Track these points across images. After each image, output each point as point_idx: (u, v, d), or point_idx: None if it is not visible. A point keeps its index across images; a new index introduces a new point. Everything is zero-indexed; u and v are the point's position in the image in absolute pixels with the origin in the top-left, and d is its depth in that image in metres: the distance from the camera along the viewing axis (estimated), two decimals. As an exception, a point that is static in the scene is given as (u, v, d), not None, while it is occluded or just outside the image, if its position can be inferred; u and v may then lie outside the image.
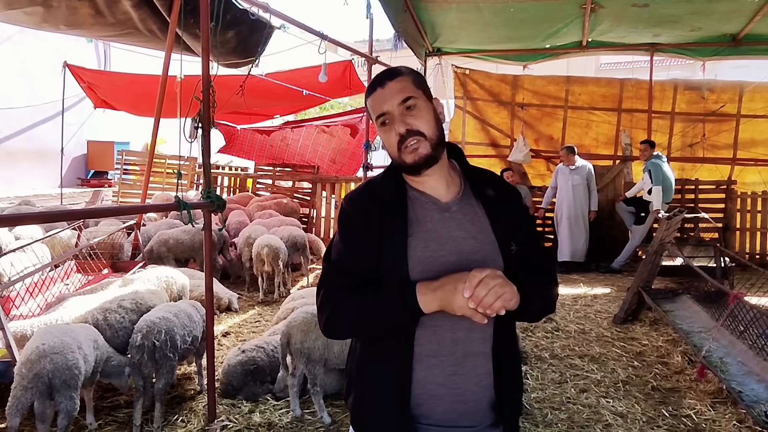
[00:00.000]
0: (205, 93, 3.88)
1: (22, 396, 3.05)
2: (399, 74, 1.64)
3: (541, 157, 10.70)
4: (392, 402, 1.60)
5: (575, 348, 5.49)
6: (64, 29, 5.12)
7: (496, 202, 1.68)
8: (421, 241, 1.60)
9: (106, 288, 4.55)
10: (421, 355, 1.59)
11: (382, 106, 1.61)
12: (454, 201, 1.67)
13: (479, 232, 1.63)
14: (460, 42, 9.96)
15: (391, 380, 1.60)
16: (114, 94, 9.50)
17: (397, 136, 1.59)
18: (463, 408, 1.60)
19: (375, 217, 1.63)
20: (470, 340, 1.60)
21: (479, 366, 1.61)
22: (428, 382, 1.59)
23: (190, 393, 4.38)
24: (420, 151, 1.59)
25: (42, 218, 3.51)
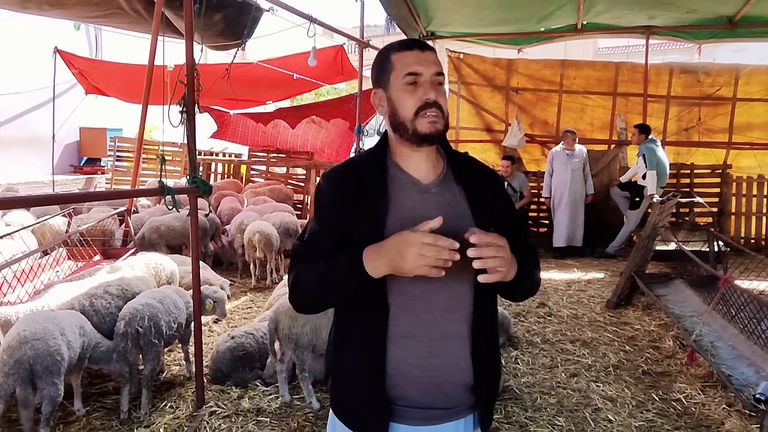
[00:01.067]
0: (189, 77, 3.82)
1: (4, 382, 3.03)
2: (432, 50, 1.65)
3: (536, 142, 10.64)
4: (367, 383, 1.58)
5: (567, 333, 5.48)
6: (48, 10, 5.03)
7: (477, 187, 1.67)
8: (397, 221, 1.56)
9: (94, 275, 4.51)
10: (397, 336, 1.57)
11: (419, 67, 1.58)
12: (434, 183, 1.65)
13: (457, 216, 1.60)
14: (453, 25, 9.86)
15: (365, 361, 1.58)
16: (105, 81, 9.42)
17: (422, 101, 1.56)
18: (438, 390, 1.58)
19: (350, 193, 1.61)
20: (447, 321, 1.57)
21: (456, 349, 1.59)
22: (403, 364, 1.57)
23: (179, 379, 4.37)
24: (438, 125, 1.58)
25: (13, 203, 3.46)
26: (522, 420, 3.80)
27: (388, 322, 1.57)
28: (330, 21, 12.15)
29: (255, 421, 3.75)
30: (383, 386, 1.57)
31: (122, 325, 3.64)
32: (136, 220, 7.07)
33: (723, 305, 4.88)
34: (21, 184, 10.24)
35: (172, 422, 3.71)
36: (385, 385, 1.58)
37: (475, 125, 10.83)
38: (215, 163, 12.08)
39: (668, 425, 3.76)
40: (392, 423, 1.60)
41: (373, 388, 1.57)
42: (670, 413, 3.92)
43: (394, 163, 1.67)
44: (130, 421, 3.70)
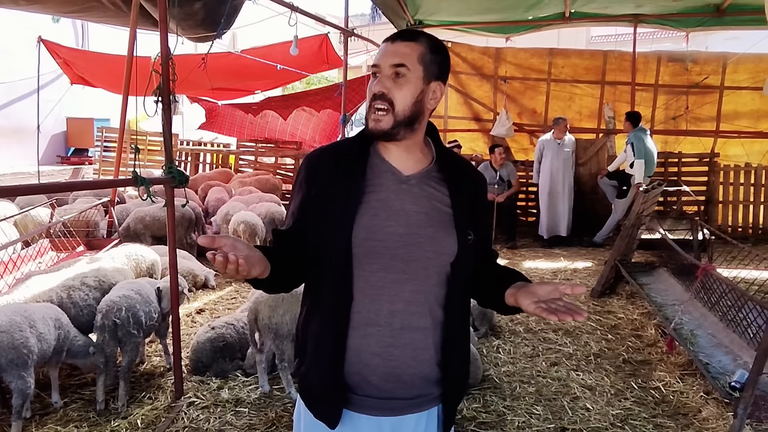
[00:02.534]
0: (164, 66, 3.78)
1: (-29, 376, 3.02)
2: (413, 39, 1.58)
3: (524, 131, 10.61)
4: (325, 368, 1.58)
5: (550, 322, 5.48)
6: (24, 5, 4.98)
7: (461, 187, 1.65)
8: (370, 209, 1.56)
9: (73, 266, 4.48)
10: (359, 323, 1.56)
11: (380, 59, 1.57)
12: (415, 175, 1.62)
13: (433, 210, 1.59)
14: (441, 14, 9.81)
15: (326, 346, 1.58)
16: (91, 71, 9.34)
17: (371, 93, 1.56)
18: (397, 380, 1.58)
19: (324, 175, 1.61)
20: (409, 313, 1.56)
21: (417, 340, 1.58)
22: (363, 351, 1.57)
23: (159, 370, 4.35)
24: (381, 123, 1.55)
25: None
26: (500, 409, 3.81)
27: (351, 309, 1.56)
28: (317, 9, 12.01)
29: (233, 412, 3.75)
30: (341, 372, 1.57)
31: (99, 318, 3.62)
32: (121, 211, 7.03)
33: (704, 294, 4.90)
34: (7, 175, 10.18)
35: (150, 413, 3.70)
36: (344, 372, 1.57)
37: (463, 114, 10.80)
38: (203, 153, 12.02)
39: (645, 413, 3.78)
40: (351, 412, 1.59)
41: (331, 373, 1.57)
42: (648, 401, 3.94)
43: (376, 152, 1.65)
44: (107, 412, 3.69)
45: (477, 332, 5.00)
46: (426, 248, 1.55)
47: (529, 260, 8.08)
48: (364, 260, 1.54)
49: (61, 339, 3.55)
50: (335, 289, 1.56)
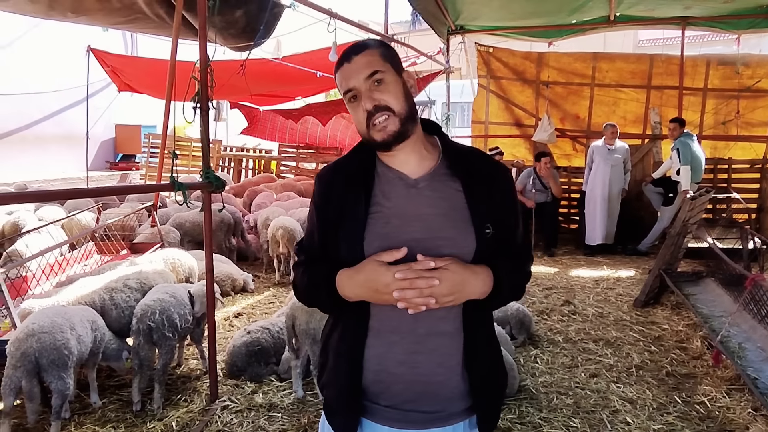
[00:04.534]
0: (203, 73, 3.84)
1: (13, 375, 3.10)
2: (366, 48, 1.55)
3: (567, 137, 10.43)
4: (343, 377, 1.56)
5: (591, 332, 5.35)
6: (72, 17, 5.12)
7: (476, 180, 1.58)
8: (382, 217, 1.53)
9: (114, 269, 4.58)
10: (381, 331, 1.54)
11: (350, 82, 1.52)
12: (424, 177, 1.58)
13: (451, 210, 1.54)
14: (482, 19, 9.75)
15: (345, 355, 1.56)
16: (137, 78, 9.57)
17: (365, 112, 1.51)
18: (423, 389, 1.53)
19: (338, 191, 1.60)
20: (433, 317, 1.51)
21: (444, 345, 1.53)
22: (387, 360, 1.53)
23: (196, 373, 4.41)
24: (389, 128, 1.51)
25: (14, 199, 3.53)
26: (536, 420, 3.72)
27: (369, 316, 1.54)
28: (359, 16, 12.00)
29: (266, 417, 3.76)
30: (359, 383, 1.54)
31: (135, 322, 3.69)
32: (162, 215, 7.17)
33: (754, 306, 4.70)
34: (58, 180, 10.52)
35: (185, 416, 3.75)
36: (364, 382, 1.54)
37: (504, 120, 10.68)
38: (246, 159, 12.20)
39: (689, 429, 3.63)
40: (372, 422, 1.56)
41: (348, 383, 1.55)
42: (692, 416, 3.79)
43: (381, 160, 1.62)
44: (143, 413, 3.76)
45: (514, 341, 4.91)
46: (444, 250, 1.50)
47: (571, 268, 7.91)
48: None
49: (98, 341, 3.62)
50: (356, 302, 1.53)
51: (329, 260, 1.56)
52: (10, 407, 3.25)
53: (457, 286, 1.44)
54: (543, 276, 7.44)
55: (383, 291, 1.43)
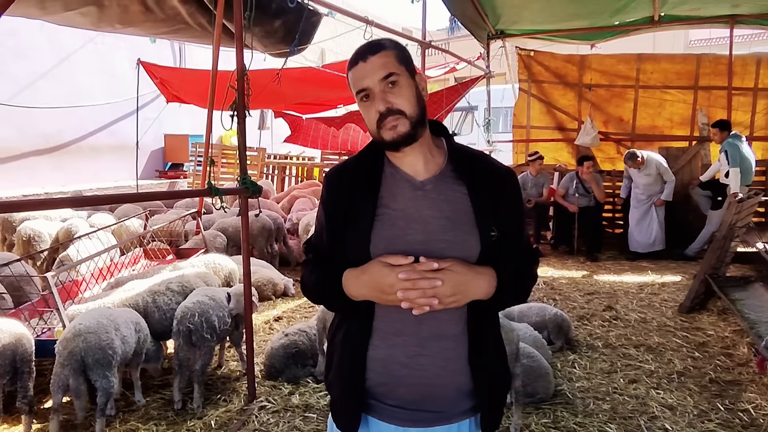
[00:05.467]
0: (239, 82, 3.96)
1: (61, 373, 3.25)
2: (382, 48, 1.56)
3: (611, 140, 10.26)
4: (347, 377, 1.60)
5: (632, 337, 5.25)
6: (120, 28, 5.36)
7: (481, 183, 1.60)
8: (388, 219, 1.56)
9: (158, 272, 4.75)
10: (386, 333, 1.56)
11: (363, 82, 1.53)
12: (430, 180, 1.60)
13: (454, 213, 1.56)
14: (522, 22, 9.70)
15: (348, 355, 1.60)
16: (183, 89, 9.85)
17: (377, 113, 1.53)
18: (427, 391, 1.55)
19: (345, 192, 1.63)
20: (437, 320, 1.53)
21: (447, 348, 1.55)
22: (391, 361, 1.56)
23: (235, 374, 4.52)
24: (399, 129, 1.53)
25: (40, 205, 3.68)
26: (571, 425, 3.68)
27: (374, 318, 1.56)
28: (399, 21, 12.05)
29: (302, 417, 3.83)
30: (362, 381, 1.57)
31: (175, 324, 3.83)
32: (207, 221, 7.37)
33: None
34: (110, 188, 10.91)
35: (224, 415, 3.85)
36: (367, 381, 1.57)
37: (546, 124, 10.58)
38: (289, 166, 12.41)
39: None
40: (377, 420, 1.59)
41: (352, 382, 1.58)
42: (735, 424, 3.69)
43: (389, 162, 1.64)
44: (184, 412, 3.88)
45: (552, 346, 4.87)
46: (448, 253, 1.51)
47: (613, 273, 7.77)
48: None
49: (141, 342, 3.76)
50: (359, 301, 1.56)
51: (337, 259, 1.60)
52: (59, 404, 3.41)
53: (460, 286, 1.46)
54: (585, 281, 7.33)
55: (388, 291, 1.46)
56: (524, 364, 3.88)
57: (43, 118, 10.66)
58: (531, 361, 3.98)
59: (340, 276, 1.55)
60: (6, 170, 10.22)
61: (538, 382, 3.94)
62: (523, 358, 3.91)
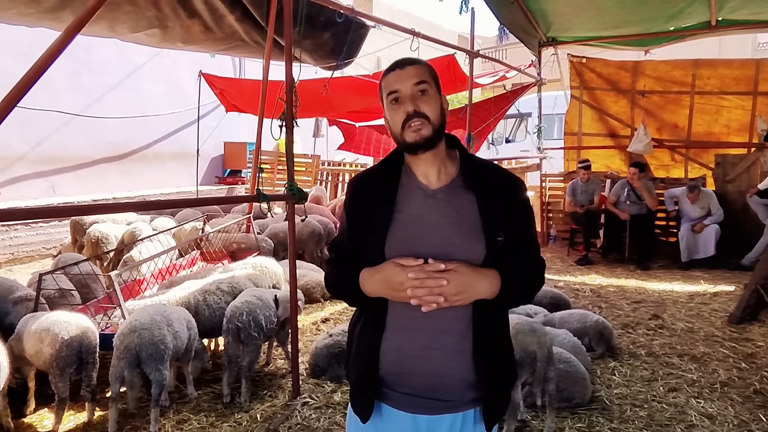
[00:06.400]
0: (288, 93, 4.19)
1: (117, 365, 3.53)
2: (418, 62, 1.74)
3: (665, 147, 10.05)
4: (363, 365, 1.75)
5: (677, 347, 5.21)
6: (182, 46, 5.71)
7: (489, 192, 1.73)
8: (402, 225, 1.71)
9: (210, 274, 5.02)
10: (399, 327, 1.72)
11: (397, 85, 1.70)
12: (442, 188, 1.74)
13: (463, 220, 1.70)
14: (575, 30, 9.65)
15: (365, 346, 1.75)
16: (241, 99, 10.26)
17: (404, 114, 1.68)
18: (437, 381, 1.70)
19: (365, 198, 1.79)
20: (444, 317, 1.67)
21: (454, 342, 1.69)
22: (402, 353, 1.71)
23: (282, 372, 4.74)
24: (422, 132, 1.68)
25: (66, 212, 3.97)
26: (605, 431, 3.73)
27: (387, 313, 1.72)
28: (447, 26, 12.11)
29: (342, 414, 4.00)
30: (376, 370, 1.73)
31: (225, 322, 4.07)
32: (261, 226, 7.67)
33: None
34: (172, 193, 11.44)
35: (268, 409, 4.07)
36: (381, 370, 1.73)
37: (598, 131, 10.47)
38: (342, 173, 12.70)
39: (769, 447, 3.51)
40: (389, 407, 1.74)
41: (367, 370, 1.73)
42: (775, 435, 3.65)
43: (406, 170, 1.80)
44: (233, 405, 4.11)
45: (593, 353, 4.89)
46: (456, 256, 1.66)
47: (664, 282, 7.65)
48: None
49: (191, 339, 4.01)
50: (374, 298, 1.72)
51: (357, 259, 1.76)
52: (117, 393, 3.68)
53: (464, 286, 1.61)
54: (633, 289, 7.26)
55: (398, 289, 1.62)
56: (561, 369, 3.95)
57: (112, 127, 11.30)
58: (568, 366, 4.03)
59: (357, 274, 1.72)
60: (79, 177, 10.87)
61: (575, 387, 3.99)
62: (560, 363, 3.97)
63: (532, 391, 3.79)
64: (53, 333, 3.61)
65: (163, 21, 4.86)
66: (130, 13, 4.60)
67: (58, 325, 3.67)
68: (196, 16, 4.97)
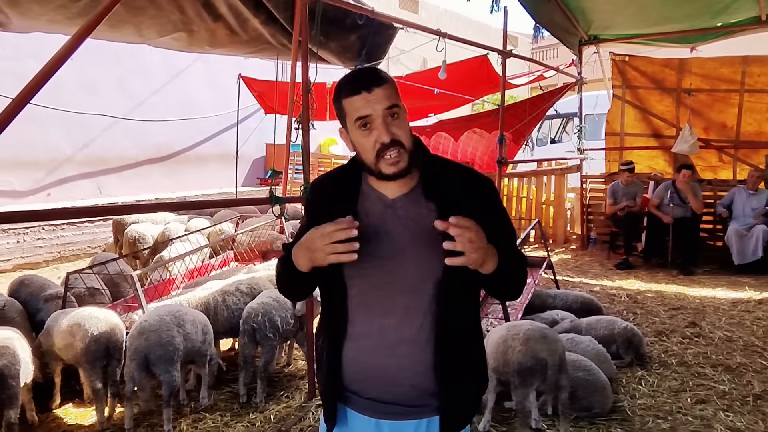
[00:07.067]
0: (304, 96, 4.21)
1: (129, 366, 3.61)
2: (385, 81, 1.60)
3: (712, 148, 9.66)
4: (326, 373, 1.75)
5: (711, 356, 4.99)
6: (209, 50, 5.80)
7: (451, 200, 1.63)
8: (361, 236, 1.61)
9: (234, 275, 5.09)
10: (356, 335, 1.69)
11: (366, 109, 1.57)
12: (400, 198, 1.67)
13: (419, 230, 1.63)
14: (616, 27, 9.38)
15: (327, 354, 1.74)
16: (279, 101, 10.39)
17: (378, 143, 1.58)
18: (396, 390, 1.67)
19: (323, 204, 1.74)
20: (402, 327, 1.64)
21: (414, 353, 1.65)
22: (362, 362, 1.69)
23: (301, 372, 4.75)
24: (401, 164, 1.59)
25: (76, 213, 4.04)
26: (623, 442, 3.60)
27: (347, 322, 1.69)
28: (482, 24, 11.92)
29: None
30: (340, 378, 1.71)
31: (241, 323, 4.11)
32: (294, 228, 7.73)
33: None
34: (214, 194, 11.67)
35: (283, 410, 4.08)
36: (344, 378, 1.71)
37: (641, 131, 10.14)
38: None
39: (799, 465, 3.32)
40: (354, 412, 1.72)
41: (331, 379, 1.73)
42: (807, 453, 3.45)
43: (365, 179, 1.72)
44: (248, 405, 4.15)
45: (620, 361, 4.73)
46: (411, 269, 1.62)
47: (707, 288, 7.35)
48: (358, 281, 1.67)
49: (207, 343, 4.04)
50: (334, 306, 1.71)
51: None
52: (131, 392, 3.76)
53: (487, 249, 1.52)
54: (672, 295, 7.00)
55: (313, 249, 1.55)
56: (580, 377, 3.84)
57: (156, 130, 11.63)
58: (587, 374, 3.91)
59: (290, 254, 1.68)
60: (125, 177, 11.23)
61: (594, 396, 3.87)
62: (578, 371, 3.86)
63: (545, 399, 3.70)
64: (84, 328, 3.73)
65: (188, 25, 4.95)
66: (155, 17, 4.70)
67: (89, 320, 3.78)
68: (220, 20, 5.04)
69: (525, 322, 3.79)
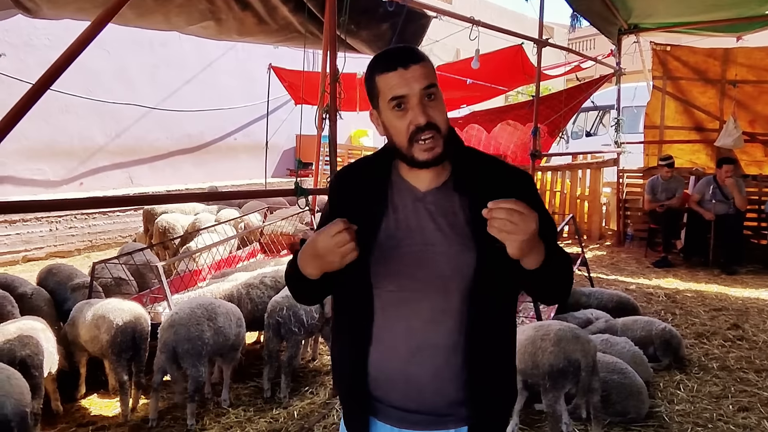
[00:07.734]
0: (332, 86, 4.11)
1: (158, 358, 3.58)
2: (422, 59, 1.50)
3: (758, 141, 9.27)
4: (349, 380, 1.62)
5: (755, 361, 4.75)
6: (238, 38, 5.72)
7: (487, 194, 1.45)
8: (388, 228, 1.55)
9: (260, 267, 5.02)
10: (379, 339, 1.56)
11: (402, 89, 1.46)
12: (431, 191, 1.56)
13: (449, 225, 1.53)
14: (658, 15, 9.04)
15: (348, 360, 1.61)
16: (309, 92, 10.31)
17: (413, 125, 1.47)
18: (419, 397, 1.55)
19: (351, 194, 1.63)
20: (428, 331, 1.52)
21: (438, 358, 1.53)
22: (384, 368, 1.56)
23: (327, 368, 4.67)
24: (436, 150, 1.48)
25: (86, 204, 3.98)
26: (660, 451, 3.42)
27: (372, 326, 1.57)
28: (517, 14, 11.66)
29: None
30: (364, 385, 1.59)
31: (266, 317, 4.03)
32: (322, 219, 7.66)
33: None
34: (244, 184, 11.68)
35: (307, 407, 4.01)
36: (368, 385, 1.58)
37: (682, 124, 9.78)
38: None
39: None
40: (377, 421, 1.61)
41: (354, 386, 1.60)
42: None
43: (396, 169, 1.61)
44: (272, 400, 4.08)
45: (658, 364, 4.53)
46: (442, 266, 1.50)
47: (750, 288, 7.05)
48: (383, 279, 1.54)
49: (240, 337, 3.99)
50: (357, 307, 1.58)
51: None
52: (159, 383, 3.73)
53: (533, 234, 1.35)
54: (713, 296, 6.72)
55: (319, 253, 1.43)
56: (614, 380, 3.68)
57: (187, 120, 11.65)
58: (622, 378, 3.74)
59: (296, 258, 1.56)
60: (156, 168, 11.29)
61: (629, 400, 3.69)
62: (613, 374, 3.71)
63: (577, 403, 3.54)
64: (108, 320, 3.70)
65: (216, 13, 4.86)
66: (182, 6, 4.62)
67: (113, 312, 3.76)
68: (248, 8, 4.94)
69: (554, 322, 3.63)
